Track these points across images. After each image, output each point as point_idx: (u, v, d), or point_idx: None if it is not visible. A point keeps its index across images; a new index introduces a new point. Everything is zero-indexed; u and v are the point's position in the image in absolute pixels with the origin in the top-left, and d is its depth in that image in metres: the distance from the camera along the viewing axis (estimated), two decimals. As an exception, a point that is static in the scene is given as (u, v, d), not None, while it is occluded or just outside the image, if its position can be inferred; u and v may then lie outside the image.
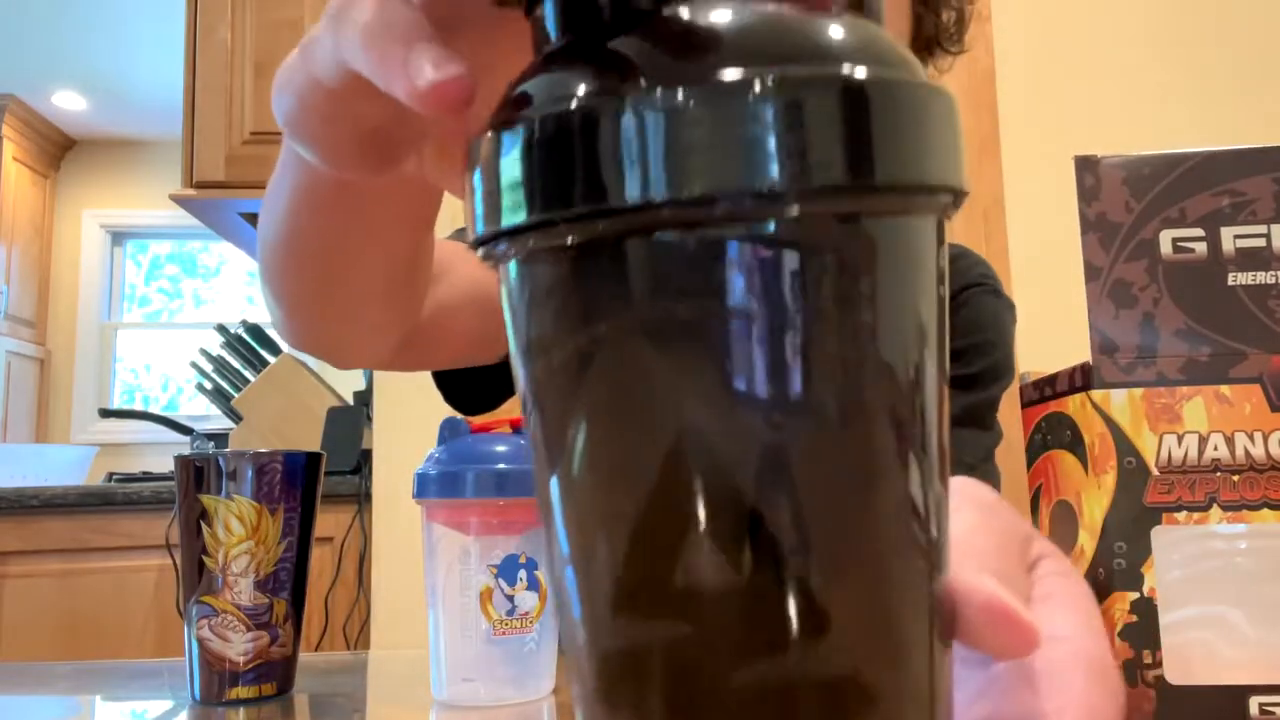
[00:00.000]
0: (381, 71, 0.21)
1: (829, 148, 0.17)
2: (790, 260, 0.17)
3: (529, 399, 0.19)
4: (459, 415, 0.80)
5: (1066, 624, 0.23)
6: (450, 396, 0.79)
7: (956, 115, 0.19)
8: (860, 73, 0.17)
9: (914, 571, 0.18)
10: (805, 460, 0.17)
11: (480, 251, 0.20)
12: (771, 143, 0.16)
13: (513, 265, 0.19)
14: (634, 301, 0.17)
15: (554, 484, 0.19)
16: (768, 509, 0.17)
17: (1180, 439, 0.41)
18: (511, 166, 0.18)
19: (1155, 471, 0.41)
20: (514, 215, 0.18)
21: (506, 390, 0.77)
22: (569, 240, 0.18)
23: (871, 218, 0.18)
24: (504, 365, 0.72)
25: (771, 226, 0.17)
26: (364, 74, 0.23)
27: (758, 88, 0.16)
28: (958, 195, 0.19)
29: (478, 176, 0.19)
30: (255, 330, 2.42)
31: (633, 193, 0.17)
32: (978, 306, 0.77)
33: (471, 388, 0.76)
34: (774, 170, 0.16)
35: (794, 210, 0.17)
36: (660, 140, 0.16)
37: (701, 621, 0.17)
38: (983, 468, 0.70)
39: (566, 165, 0.17)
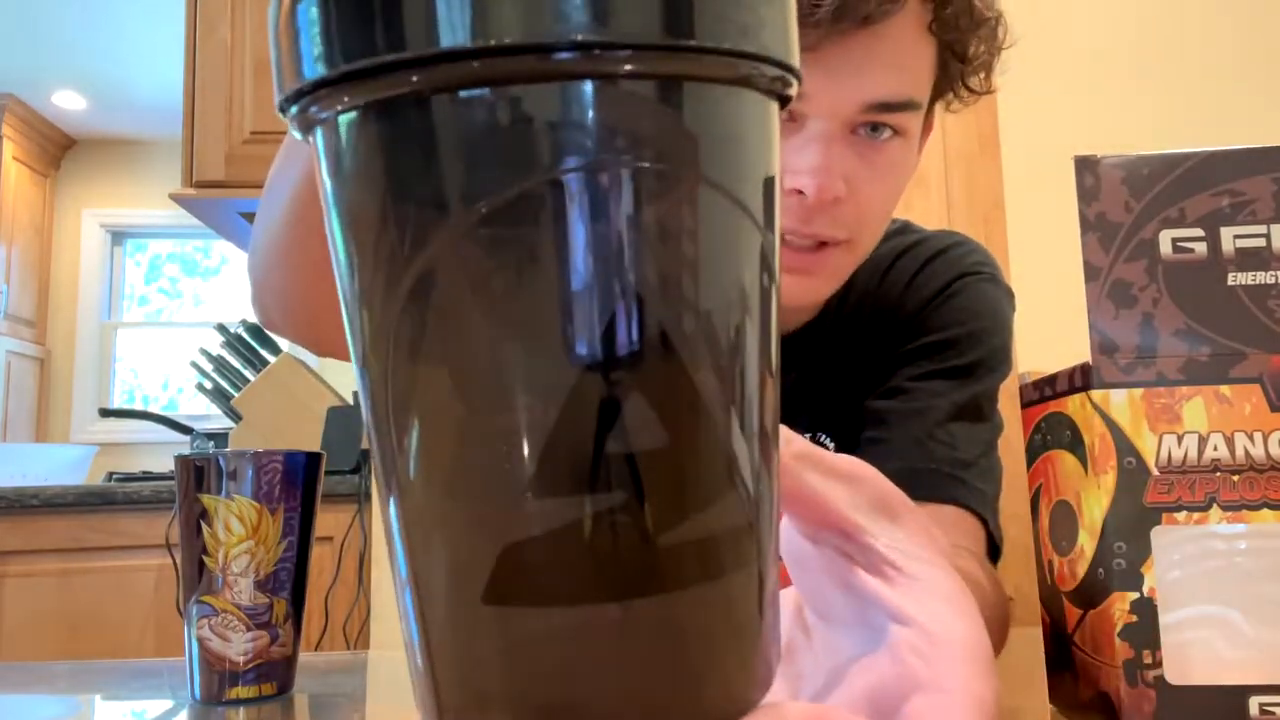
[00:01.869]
0: None
1: (643, 6, 0.16)
2: (601, 125, 0.16)
3: (342, 268, 0.18)
4: None
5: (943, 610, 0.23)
6: None
7: None
8: None
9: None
10: (641, 338, 0.16)
11: (289, 119, 0.19)
12: None
13: (318, 131, 0.18)
14: (439, 154, 0.16)
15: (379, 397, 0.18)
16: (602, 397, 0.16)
17: (1180, 439, 0.41)
18: (309, 19, 0.17)
19: (1155, 471, 0.41)
20: (309, 73, 0.17)
21: None
22: (379, 95, 0.16)
23: (693, 83, 0.17)
24: None
25: (583, 88, 0.16)
26: None
27: None
28: (788, 70, 0.19)
29: (277, 40, 0.18)
30: (255, 330, 2.42)
31: (436, 40, 0.15)
32: (973, 294, 0.76)
33: None
34: (592, 23, 0.15)
35: (604, 67, 0.16)
36: None
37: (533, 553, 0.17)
38: (979, 463, 0.69)
39: (364, 13, 0.16)
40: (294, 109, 0.18)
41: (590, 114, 0.16)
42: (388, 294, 0.17)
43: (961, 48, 0.65)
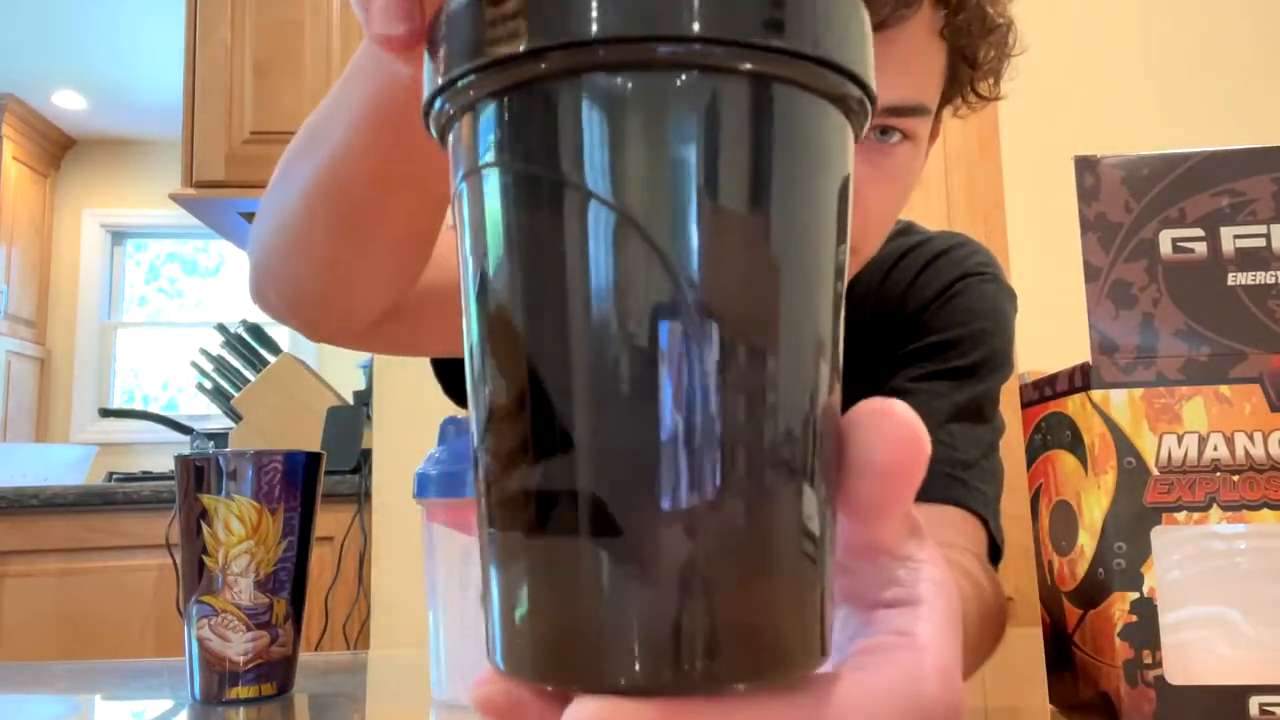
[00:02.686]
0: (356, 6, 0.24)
1: (748, 8, 0.18)
2: (700, 106, 0.18)
3: (466, 238, 0.20)
4: (458, 410, 0.82)
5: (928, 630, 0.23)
6: (450, 389, 0.80)
7: (868, 21, 0.20)
8: None
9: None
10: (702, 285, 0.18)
11: (430, 121, 0.21)
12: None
13: (457, 124, 0.20)
14: (560, 136, 0.18)
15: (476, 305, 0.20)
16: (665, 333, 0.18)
17: (1180, 439, 0.41)
18: (452, 23, 0.19)
19: (1155, 471, 0.41)
20: (454, 69, 0.19)
21: None
22: (509, 82, 0.19)
23: (780, 84, 0.18)
24: None
25: (686, 74, 0.18)
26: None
27: None
28: (866, 92, 0.20)
29: (429, 47, 0.20)
30: (255, 330, 2.42)
31: (568, 31, 0.18)
32: (975, 294, 0.76)
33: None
34: (696, 20, 0.17)
35: (713, 59, 0.18)
36: None
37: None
38: (980, 464, 0.69)
39: (507, 10, 0.18)
40: (438, 102, 0.20)
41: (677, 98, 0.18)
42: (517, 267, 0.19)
43: (972, 53, 0.65)
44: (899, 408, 0.22)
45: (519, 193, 0.19)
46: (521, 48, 0.18)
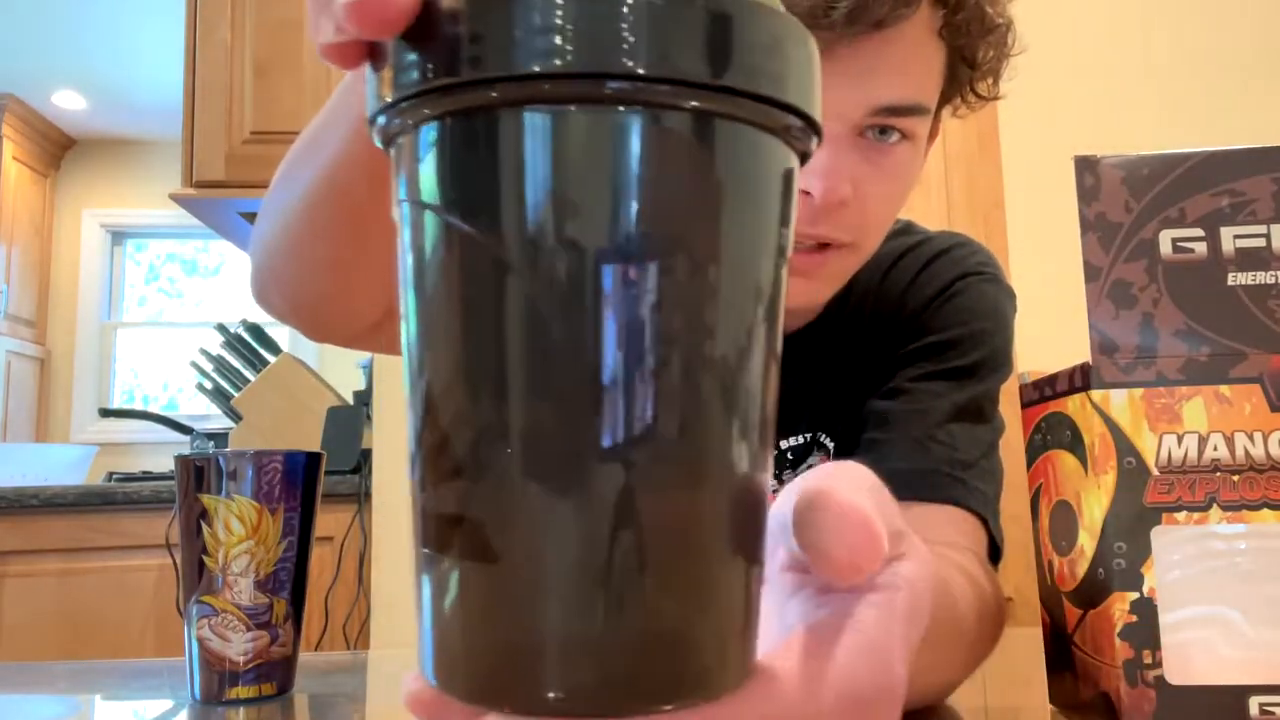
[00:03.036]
0: (309, 18, 0.23)
1: (692, 48, 0.18)
2: (642, 141, 0.18)
3: (407, 258, 0.20)
4: None
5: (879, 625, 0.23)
6: None
7: (814, 52, 0.21)
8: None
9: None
10: (646, 323, 0.18)
11: (376, 134, 0.21)
12: (645, 34, 0.18)
13: (401, 140, 0.20)
14: (501, 164, 0.18)
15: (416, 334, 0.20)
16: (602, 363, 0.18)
17: (1180, 439, 0.41)
18: (404, 43, 0.19)
19: (1155, 471, 0.41)
20: (404, 88, 0.19)
21: None
22: (451, 107, 0.19)
23: (724, 120, 0.19)
24: None
25: (627, 109, 0.18)
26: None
27: None
28: (808, 122, 0.20)
29: (372, 66, 0.21)
30: (255, 330, 2.42)
31: (515, 64, 0.18)
32: (974, 294, 0.76)
33: None
34: (642, 57, 0.18)
35: (656, 96, 0.18)
36: (547, 16, 0.18)
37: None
38: (980, 464, 0.69)
39: (457, 37, 0.19)
40: (382, 118, 0.20)
41: (628, 139, 0.19)
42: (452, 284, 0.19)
43: (971, 53, 0.65)
44: (857, 506, 0.22)
45: (458, 216, 0.19)
46: (471, 75, 0.18)
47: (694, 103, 0.18)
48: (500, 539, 0.18)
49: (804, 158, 0.22)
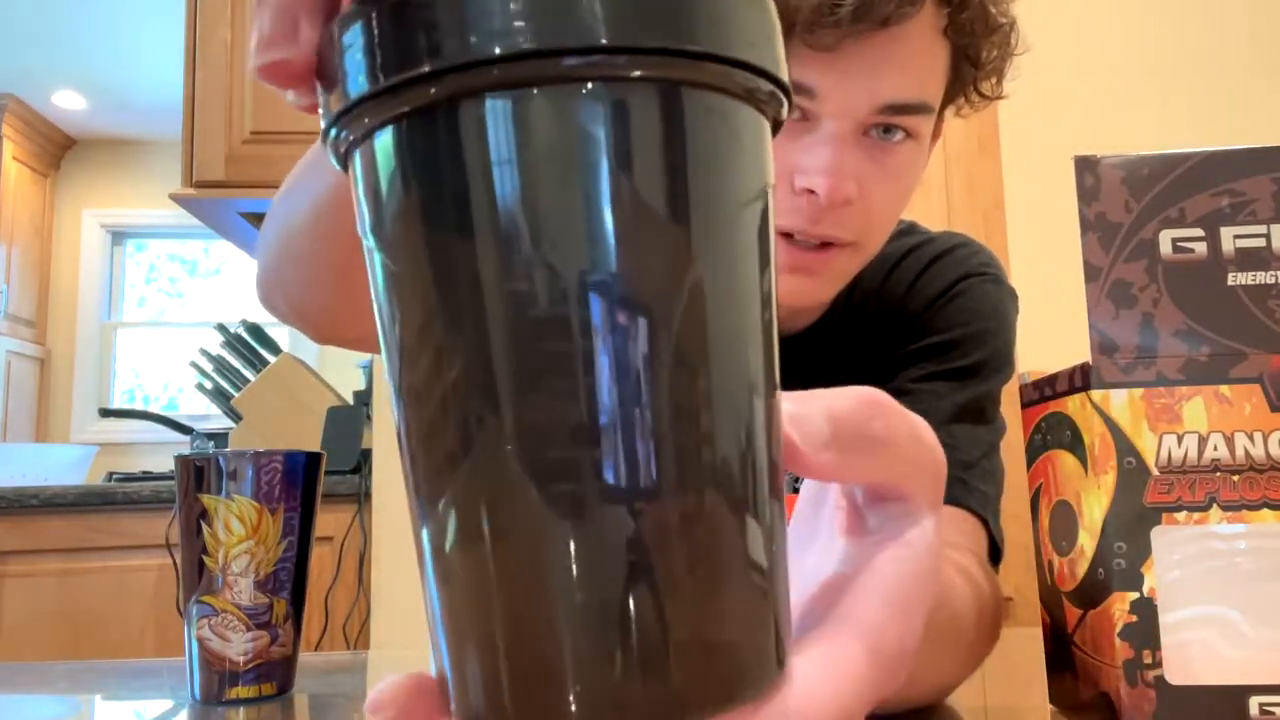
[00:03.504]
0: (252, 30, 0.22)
1: (651, 13, 0.17)
2: (608, 118, 0.17)
3: (374, 262, 0.20)
4: None
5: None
6: None
7: (774, 18, 0.20)
8: None
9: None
10: (616, 302, 0.17)
11: (329, 150, 0.20)
12: (597, 5, 0.17)
13: (357, 153, 0.19)
14: (466, 160, 0.17)
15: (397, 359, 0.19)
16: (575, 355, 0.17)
17: (1180, 439, 0.41)
18: (344, 49, 0.18)
19: (1155, 471, 0.41)
20: (350, 95, 0.18)
21: None
22: (405, 108, 0.18)
23: (691, 88, 0.18)
24: None
25: (591, 85, 0.17)
26: None
27: None
28: (779, 85, 0.20)
29: (320, 81, 0.20)
30: (255, 330, 2.42)
31: (464, 51, 0.17)
32: (977, 295, 0.76)
33: None
34: (598, 29, 0.17)
35: (617, 68, 0.17)
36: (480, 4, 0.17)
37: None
38: (981, 464, 0.69)
39: (399, 32, 0.18)
40: (334, 131, 0.19)
41: (591, 113, 0.17)
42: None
43: (975, 52, 0.65)
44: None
45: (429, 217, 0.18)
46: (419, 70, 0.17)
47: (653, 71, 0.18)
48: (508, 552, 0.18)
49: (776, 126, 0.21)
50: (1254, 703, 0.39)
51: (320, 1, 0.21)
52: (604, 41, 0.17)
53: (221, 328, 2.42)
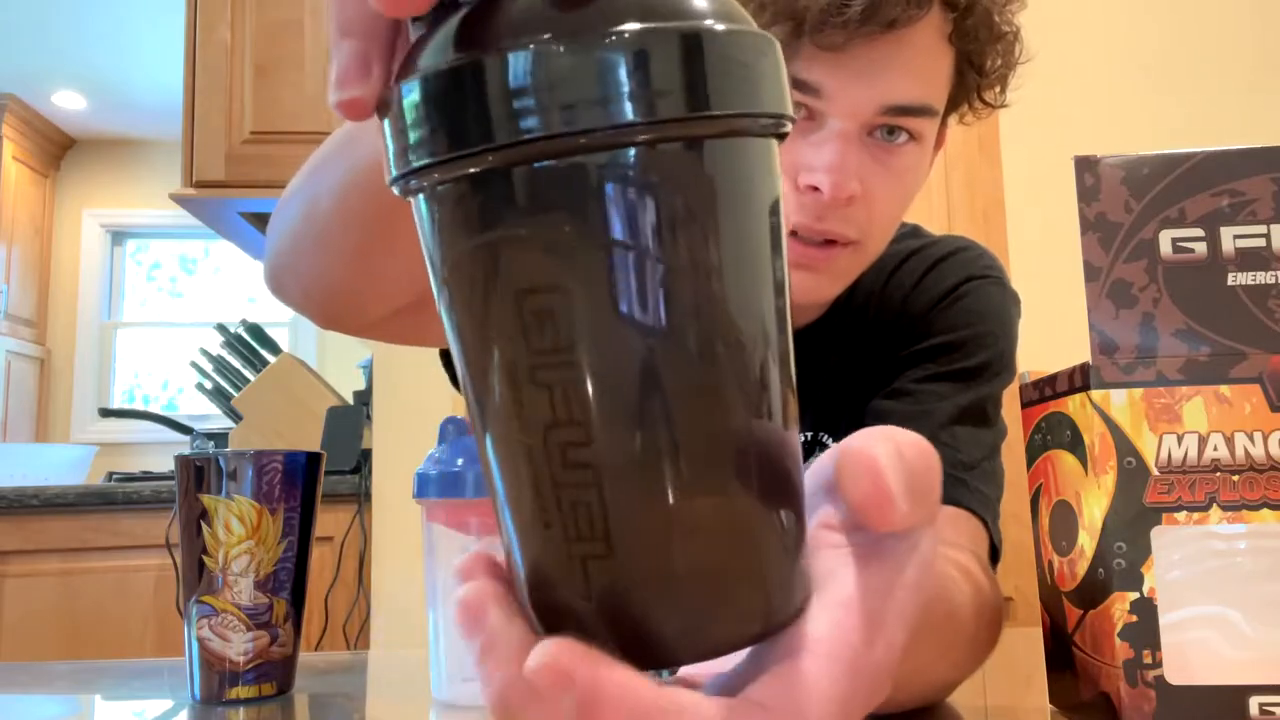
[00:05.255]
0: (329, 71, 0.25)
1: (671, 86, 0.20)
2: (644, 179, 0.21)
3: (444, 304, 0.23)
4: (458, 410, 0.83)
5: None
6: (455, 381, 0.80)
7: (778, 53, 0.23)
8: (696, 25, 0.21)
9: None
10: (661, 334, 0.21)
11: (395, 189, 0.23)
12: (624, 84, 0.20)
13: (422, 199, 0.22)
14: (520, 219, 0.21)
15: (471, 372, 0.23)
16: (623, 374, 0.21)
17: (1180, 439, 0.41)
18: (414, 113, 0.21)
19: (1155, 471, 0.41)
20: (419, 157, 0.21)
21: None
22: (467, 171, 0.21)
23: (712, 139, 0.21)
24: None
25: (629, 153, 0.20)
26: None
27: (612, 39, 0.20)
28: (782, 118, 0.23)
29: (387, 124, 0.22)
30: (255, 330, 2.42)
31: (514, 130, 0.20)
32: (981, 297, 0.77)
33: None
34: (627, 107, 0.20)
35: (644, 137, 0.20)
36: (536, 83, 0.20)
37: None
38: (982, 466, 0.69)
39: (458, 110, 0.21)
40: (400, 182, 0.23)
41: (626, 174, 0.21)
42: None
43: (979, 59, 0.66)
44: (872, 458, 0.24)
45: (505, 257, 0.21)
46: (476, 149, 0.20)
47: (683, 132, 0.21)
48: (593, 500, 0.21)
49: (781, 137, 0.24)
50: (1254, 703, 0.39)
51: (389, 44, 0.24)
52: (641, 119, 0.20)
53: (221, 328, 2.42)
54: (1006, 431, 0.75)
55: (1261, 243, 0.42)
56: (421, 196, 0.22)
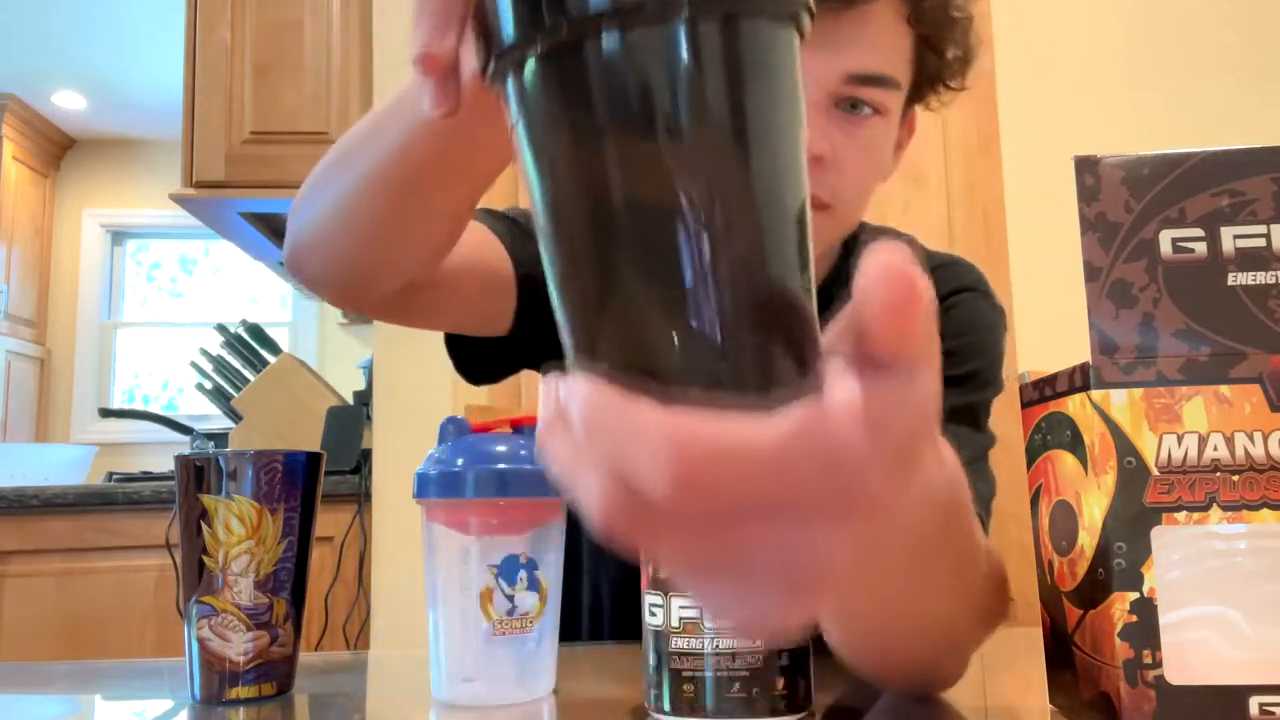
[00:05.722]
0: (411, 34, 0.29)
1: None
2: (690, 46, 0.25)
3: (533, 171, 0.27)
4: (458, 410, 0.83)
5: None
6: (460, 365, 0.82)
7: None
8: None
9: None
10: (702, 155, 0.25)
11: (487, 77, 0.27)
12: None
13: (509, 79, 0.27)
14: (593, 87, 0.25)
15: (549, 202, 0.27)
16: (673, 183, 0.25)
17: (1180, 439, 0.41)
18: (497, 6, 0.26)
19: (1155, 471, 0.41)
20: (509, 38, 0.26)
21: (510, 364, 0.82)
22: (542, 48, 0.25)
23: (747, 18, 0.25)
24: (505, 340, 0.78)
25: (678, 24, 0.25)
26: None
27: None
28: (807, 8, 0.27)
29: (479, 20, 0.27)
30: (255, 330, 2.42)
31: (582, 8, 0.25)
32: (970, 308, 0.79)
33: (479, 359, 0.81)
34: None
35: (687, 11, 0.25)
36: None
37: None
38: (975, 465, 0.70)
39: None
40: (493, 64, 0.27)
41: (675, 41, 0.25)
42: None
43: (937, 42, 0.71)
44: (894, 263, 0.24)
45: (570, 124, 0.26)
46: (555, 22, 0.25)
47: (724, 8, 0.25)
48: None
49: (802, 37, 0.28)
50: (1254, 703, 0.39)
51: (462, 12, 0.28)
52: None
53: (221, 328, 2.42)
54: (995, 442, 0.76)
55: (1261, 243, 0.42)
56: (510, 77, 0.27)
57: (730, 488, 0.21)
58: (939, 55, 0.72)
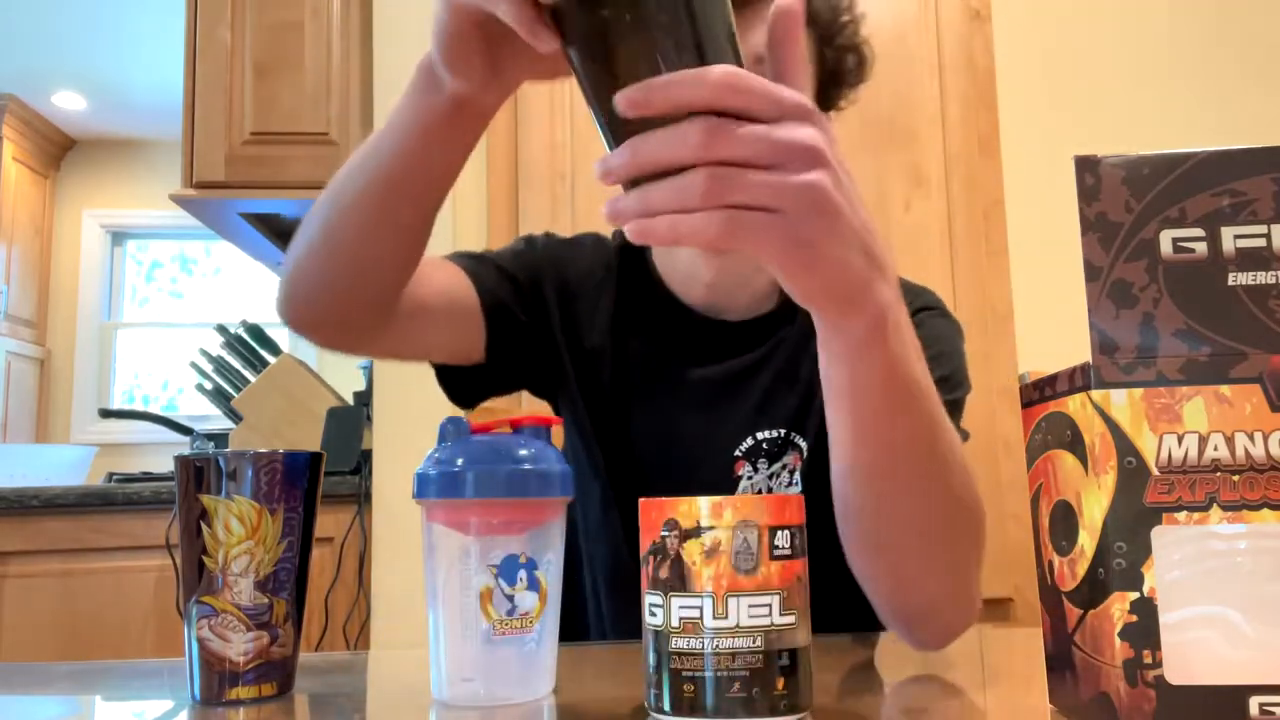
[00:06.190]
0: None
1: None
2: None
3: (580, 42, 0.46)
4: (459, 411, 0.87)
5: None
6: (447, 390, 0.91)
7: None
8: None
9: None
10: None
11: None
12: None
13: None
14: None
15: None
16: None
17: (1180, 439, 0.41)
18: None
19: (1155, 471, 0.41)
20: None
21: (487, 389, 0.92)
22: None
23: None
24: (482, 368, 0.88)
25: None
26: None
27: None
28: None
29: None
30: (255, 330, 2.42)
31: None
32: (933, 326, 0.86)
33: (462, 384, 0.91)
34: None
35: None
36: None
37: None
38: None
39: None
40: None
41: None
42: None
43: (830, 34, 0.81)
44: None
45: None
46: None
47: None
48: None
49: None
50: (1254, 703, 0.39)
51: None
52: None
53: (221, 328, 2.42)
54: (968, 438, 0.79)
55: (1262, 243, 0.42)
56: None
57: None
58: (838, 54, 0.80)
